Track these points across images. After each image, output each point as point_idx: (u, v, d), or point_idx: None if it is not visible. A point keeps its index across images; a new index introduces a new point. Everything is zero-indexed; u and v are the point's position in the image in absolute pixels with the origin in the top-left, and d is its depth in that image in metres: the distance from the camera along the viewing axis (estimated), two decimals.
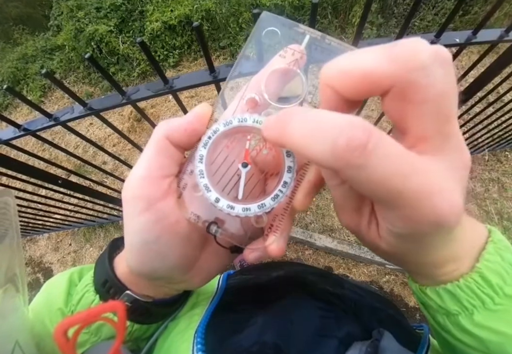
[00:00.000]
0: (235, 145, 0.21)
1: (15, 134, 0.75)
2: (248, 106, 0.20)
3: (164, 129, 0.20)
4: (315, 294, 0.34)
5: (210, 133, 0.19)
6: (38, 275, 1.89)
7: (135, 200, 0.20)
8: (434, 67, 0.13)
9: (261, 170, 0.22)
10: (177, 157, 0.21)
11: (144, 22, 2.37)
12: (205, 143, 0.19)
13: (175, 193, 0.21)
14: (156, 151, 0.20)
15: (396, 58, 0.14)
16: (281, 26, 0.20)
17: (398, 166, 0.13)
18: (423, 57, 0.13)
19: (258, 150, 0.21)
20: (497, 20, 1.98)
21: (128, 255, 0.23)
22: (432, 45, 0.14)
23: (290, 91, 0.20)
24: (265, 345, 0.26)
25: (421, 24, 2.03)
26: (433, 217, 0.14)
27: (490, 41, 0.73)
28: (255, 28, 0.20)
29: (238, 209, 0.19)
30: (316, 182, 0.19)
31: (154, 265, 0.22)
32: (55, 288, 0.29)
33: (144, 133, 2.13)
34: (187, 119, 0.20)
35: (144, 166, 0.20)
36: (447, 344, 0.22)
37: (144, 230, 0.20)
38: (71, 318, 0.19)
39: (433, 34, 0.70)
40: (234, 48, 2.25)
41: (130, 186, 0.20)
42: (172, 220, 0.20)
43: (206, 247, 0.24)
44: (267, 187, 0.22)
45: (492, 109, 1.19)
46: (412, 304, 1.49)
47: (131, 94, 0.70)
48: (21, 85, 2.65)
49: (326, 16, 2.11)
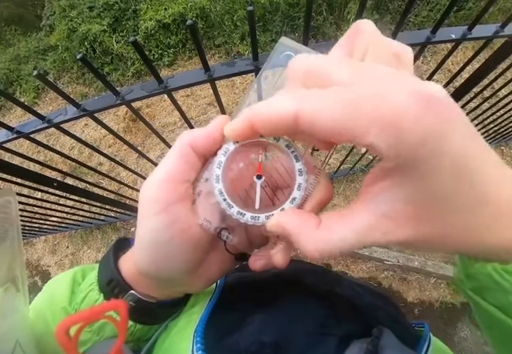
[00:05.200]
0: (246, 160, 0.22)
1: (7, 137, 0.74)
2: None
3: (188, 136, 0.22)
4: (314, 292, 0.34)
5: (222, 152, 0.21)
6: (35, 279, 1.88)
7: (152, 201, 0.21)
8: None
9: (271, 184, 0.23)
10: (196, 164, 0.22)
11: (138, 21, 2.35)
12: (218, 162, 0.21)
13: (190, 199, 0.22)
14: (178, 156, 0.21)
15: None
16: (296, 51, 0.22)
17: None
18: None
19: (271, 163, 0.23)
20: (492, 16, 1.98)
21: (137, 254, 0.23)
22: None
23: None
24: (264, 344, 0.26)
25: (416, 20, 2.03)
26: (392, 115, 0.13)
27: (486, 37, 0.73)
28: (274, 51, 0.22)
29: (262, 218, 0.20)
30: (321, 201, 0.20)
31: (162, 266, 0.22)
32: (58, 287, 0.29)
33: (140, 133, 2.12)
34: (208, 129, 0.22)
35: (164, 170, 0.21)
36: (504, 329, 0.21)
37: (158, 231, 0.21)
38: (73, 316, 0.19)
39: (428, 31, 0.70)
40: (229, 46, 2.24)
41: (149, 188, 0.21)
42: (185, 224, 0.21)
43: (210, 253, 0.25)
44: (274, 201, 0.23)
45: (487, 104, 1.19)
46: (410, 300, 1.50)
47: (125, 94, 0.70)
48: (14, 86, 2.63)
49: (321, 13, 2.10)
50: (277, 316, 0.29)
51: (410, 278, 1.53)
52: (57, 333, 0.18)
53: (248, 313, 0.30)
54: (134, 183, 1.86)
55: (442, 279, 1.51)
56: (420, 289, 1.51)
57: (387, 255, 1.50)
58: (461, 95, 0.97)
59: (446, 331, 1.42)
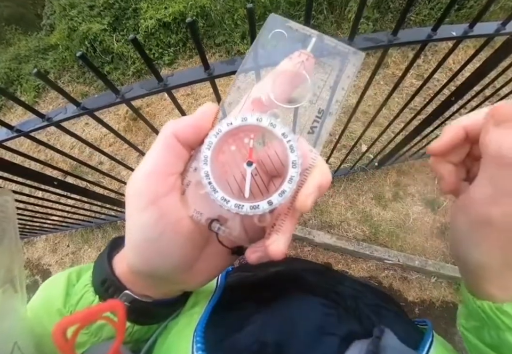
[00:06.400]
0: (239, 144, 0.21)
1: (8, 135, 0.74)
2: (253, 106, 0.20)
3: (172, 127, 0.21)
4: (315, 291, 0.34)
5: (214, 133, 0.19)
6: (36, 278, 1.88)
7: (139, 195, 0.20)
8: None
9: (265, 170, 0.22)
10: (183, 154, 0.21)
11: (138, 20, 2.34)
12: (209, 143, 0.19)
13: (179, 191, 0.21)
14: (163, 148, 0.20)
15: None
16: (288, 29, 0.21)
17: None
18: None
19: (265, 149, 0.21)
20: (493, 14, 1.97)
21: (128, 252, 0.22)
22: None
23: (295, 92, 0.21)
24: (265, 344, 0.26)
25: (417, 18, 2.02)
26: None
27: (487, 35, 0.72)
28: (262, 30, 0.21)
29: (247, 208, 0.19)
30: (319, 184, 0.19)
31: (154, 263, 0.21)
32: (53, 289, 0.29)
33: (141, 132, 2.12)
34: (194, 117, 0.21)
35: (150, 162, 0.20)
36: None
37: (147, 226, 0.20)
38: (70, 317, 0.19)
39: (430, 28, 0.69)
40: (230, 45, 2.23)
41: (135, 182, 0.20)
42: (175, 217, 0.20)
43: (206, 248, 0.24)
44: (270, 188, 0.22)
45: (489, 103, 1.19)
46: (411, 299, 1.50)
47: (125, 93, 0.70)
48: (14, 86, 2.63)
49: (322, 12, 2.10)
50: (278, 316, 0.29)
51: (411, 277, 1.53)
52: (54, 334, 0.18)
53: (249, 313, 0.30)
54: None
55: (443, 278, 1.51)
56: (421, 288, 1.51)
57: (387, 254, 1.50)
58: (462, 94, 0.96)
59: (447, 331, 1.42)
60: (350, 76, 0.21)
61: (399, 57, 2.07)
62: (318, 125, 0.21)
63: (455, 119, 0.24)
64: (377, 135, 1.33)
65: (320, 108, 0.21)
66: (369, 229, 1.60)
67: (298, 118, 0.21)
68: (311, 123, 0.21)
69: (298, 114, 0.21)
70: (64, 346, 0.18)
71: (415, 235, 1.58)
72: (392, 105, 1.88)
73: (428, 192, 1.67)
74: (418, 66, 2.02)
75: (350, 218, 1.63)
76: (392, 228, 1.59)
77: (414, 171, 1.72)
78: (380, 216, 1.63)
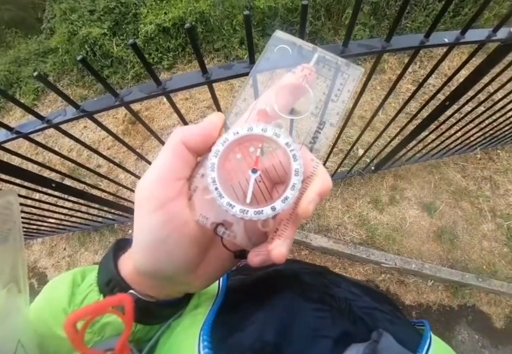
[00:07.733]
0: (244, 152, 0.22)
1: (7, 137, 0.74)
2: (258, 117, 0.22)
3: (181, 134, 0.22)
4: (311, 294, 0.34)
5: (221, 142, 0.21)
6: (32, 281, 1.86)
7: (148, 200, 0.21)
8: None
9: (268, 178, 0.23)
10: (190, 161, 0.22)
11: (138, 25, 2.36)
12: (216, 151, 0.20)
13: (186, 195, 0.22)
14: (172, 154, 0.21)
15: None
16: (292, 44, 0.22)
17: None
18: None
19: (269, 157, 0.22)
20: (487, 21, 2.01)
21: (135, 253, 0.23)
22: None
23: (298, 104, 0.23)
24: (266, 342, 0.27)
25: (413, 25, 2.05)
26: None
27: (478, 41, 0.74)
28: (268, 45, 0.22)
29: (251, 213, 0.20)
30: (320, 191, 0.20)
31: (161, 264, 0.22)
32: (58, 289, 0.29)
33: (139, 136, 2.12)
34: (202, 126, 0.22)
35: (159, 168, 0.21)
36: None
37: (155, 229, 0.21)
38: (80, 310, 0.19)
39: (422, 35, 0.71)
40: (228, 50, 2.26)
41: (144, 187, 0.21)
42: (181, 221, 0.21)
43: (210, 251, 0.25)
44: (273, 195, 0.23)
45: (483, 108, 1.20)
46: (407, 302, 1.50)
47: (124, 96, 0.70)
48: (13, 88, 2.63)
49: (319, 18, 2.13)
50: (277, 317, 0.30)
51: (408, 280, 1.53)
52: (66, 327, 0.19)
53: (250, 313, 0.31)
54: (132, 185, 1.86)
55: (440, 282, 1.52)
56: (417, 292, 1.51)
57: (384, 258, 1.50)
58: (456, 99, 0.98)
59: (444, 335, 1.42)
60: (350, 90, 0.23)
61: (396, 63, 2.10)
62: (319, 136, 0.23)
63: (449, 123, 0.24)
64: (373, 139, 1.34)
65: (321, 120, 0.22)
66: (366, 233, 1.61)
67: (301, 129, 0.23)
68: (312, 134, 0.23)
69: (301, 125, 0.23)
70: (76, 338, 0.19)
71: (411, 239, 1.59)
72: (388, 110, 1.90)
73: (425, 196, 1.68)
74: (415, 72, 2.05)
75: (347, 222, 1.64)
76: (389, 232, 1.60)
77: (411, 175, 1.73)
78: (376, 220, 1.63)
